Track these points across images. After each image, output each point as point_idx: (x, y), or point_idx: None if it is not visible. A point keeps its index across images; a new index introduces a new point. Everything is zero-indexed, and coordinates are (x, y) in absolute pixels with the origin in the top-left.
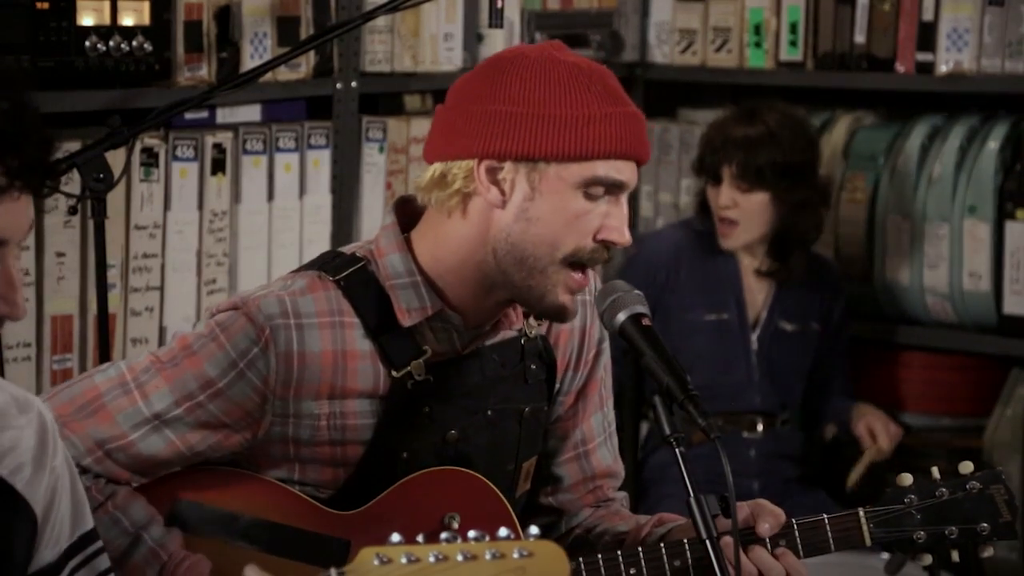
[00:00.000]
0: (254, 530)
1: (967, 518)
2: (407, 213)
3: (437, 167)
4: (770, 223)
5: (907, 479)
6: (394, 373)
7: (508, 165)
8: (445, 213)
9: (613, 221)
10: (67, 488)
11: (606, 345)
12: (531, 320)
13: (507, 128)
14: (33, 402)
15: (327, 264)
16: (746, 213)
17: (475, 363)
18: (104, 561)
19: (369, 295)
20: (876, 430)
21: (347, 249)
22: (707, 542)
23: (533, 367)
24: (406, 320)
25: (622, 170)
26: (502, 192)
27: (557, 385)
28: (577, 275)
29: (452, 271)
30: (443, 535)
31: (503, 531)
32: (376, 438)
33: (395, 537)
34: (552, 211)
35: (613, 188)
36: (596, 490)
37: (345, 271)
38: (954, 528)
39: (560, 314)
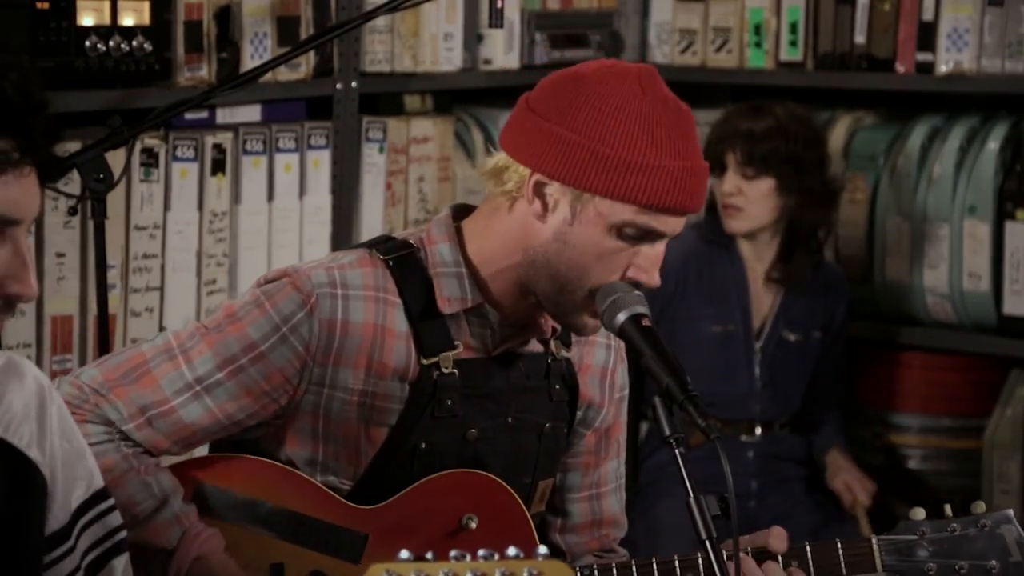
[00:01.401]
0: (274, 518)
1: (977, 555)
2: (461, 212)
3: (502, 157)
4: (776, 211)
5: (920, 513)
6: (423, 360)
7: (556, 186)
8: (495, 207)
9: (643, 262)
10: (73, 447)
11: (627, 392)
12: (557, 343)
13: (563, 152)
14: (25, 365)
15: (379, 244)
16: (751, 201)
17: (502, 368)
18: (116, 518)
19: (414, 279)
20: (854, 489)
21: (399, 234)
22: (707, 542)
23: (557, 387)
24: (446, 308)
25: (665, 222)
26: (544, 207)
27: (579, 414)
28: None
29: (494, 264)
30: (452, 553)
31: (511, 550)
32: (400, 423)
33: (404, 554)
34: (586, 242)
35: (650, 235)
36: (602, 538)
37: (395, 253)
38: (964, 563)
39: (579, 331)
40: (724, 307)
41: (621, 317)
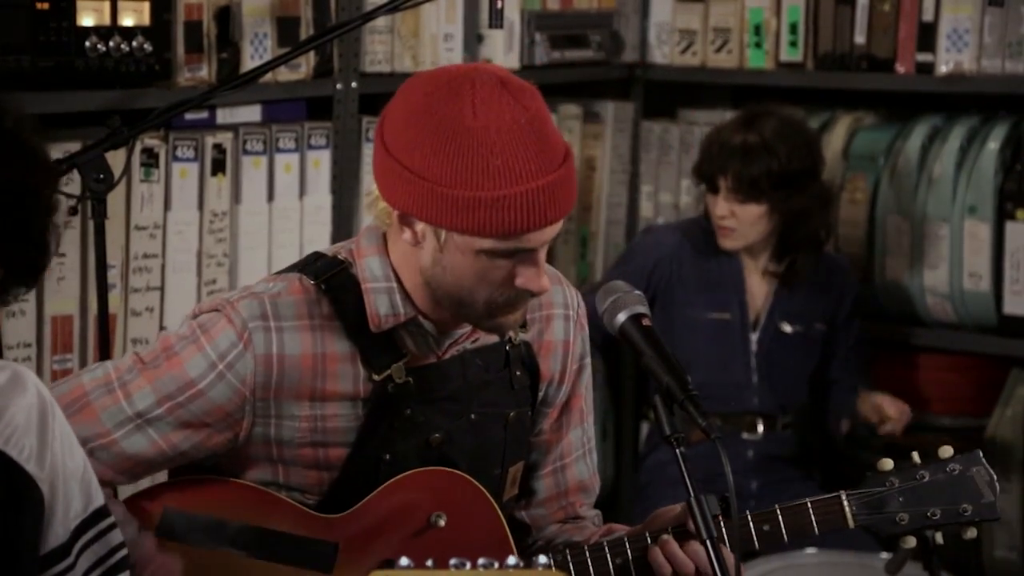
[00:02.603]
0: (242, 536)
1: (949, 500)
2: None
3: (375, 187)
4: (769, 230)
5: (888, 464)
6: (375, 376)
7: (417, 220)
8: (394, 227)
9: (527, 271)
10: (74, 464)
11: (588, 361)
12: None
13: (412, 192)
14: (29, 379)
15: (309, 266)
16: (744, 223)
17: (457, 367)
18: (116, 536)
19: (350, 298)
20: (883, 405)
21: (330, 250)
22: (707, 542)
23: (518, 373)
24: (377, 325)
25: (528, 239)
26: (415, 236)
27: (541, 394)
28: (507, 310)
29: (408, 280)
30: (452, 561)
31: (511, 559)
32: (359, 441)
33: (404, 560)
34: (461, 266)
35: (519, 252)
36: (568, 506)
37: (327, 274)
38: (936, 510)
39: (499, 333)
40: (720, 295)
41: (621, 317)
